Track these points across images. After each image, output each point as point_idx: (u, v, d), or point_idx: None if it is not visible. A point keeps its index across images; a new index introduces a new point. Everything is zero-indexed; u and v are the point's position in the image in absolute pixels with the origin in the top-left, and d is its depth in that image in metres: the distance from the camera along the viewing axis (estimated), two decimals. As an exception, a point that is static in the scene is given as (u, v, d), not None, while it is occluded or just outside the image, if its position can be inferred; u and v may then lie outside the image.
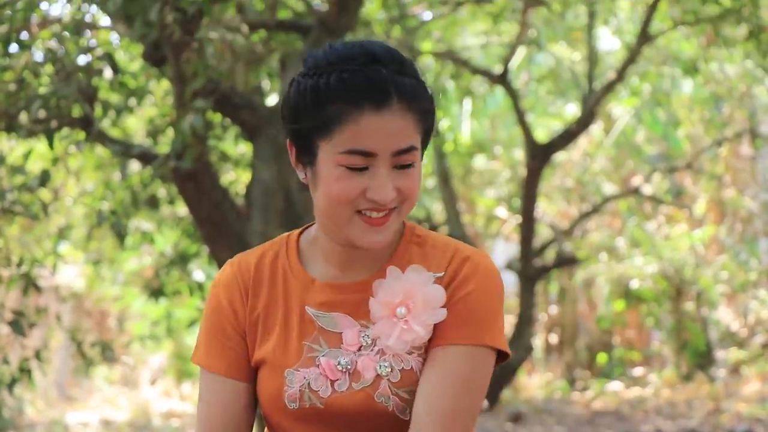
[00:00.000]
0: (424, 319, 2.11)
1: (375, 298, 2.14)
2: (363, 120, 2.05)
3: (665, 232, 15.50)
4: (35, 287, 5.89)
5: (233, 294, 2.22)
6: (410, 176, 2.09)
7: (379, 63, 2.08)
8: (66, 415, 15.18)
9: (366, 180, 2.07)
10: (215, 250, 6.01)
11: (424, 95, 2.12)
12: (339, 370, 2.12)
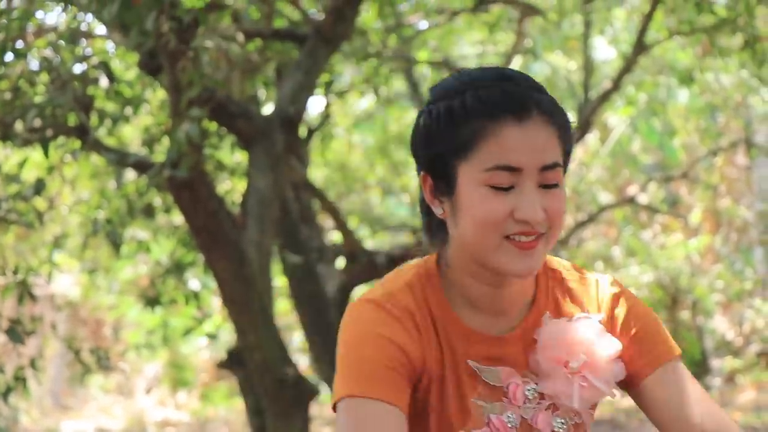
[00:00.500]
0: (607, 377, 2.06)
1: (542, 353, 2.06)
2: (505, 134, 1.96)
3: (661, 241, 15.50)
4: (31, 296, 5.88)
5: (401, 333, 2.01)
6: (557, 196, 1.99)
7: (512, 81, 1.99)
8: (61, 424, 15.16)
9: (513, 199, 1.96)
10: (211, 259, 6.00)
11: (562, 111, 2.02)
12: (509, 427, 2.05)
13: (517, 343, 2.07)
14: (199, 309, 8.50)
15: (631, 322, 2.11)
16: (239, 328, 6.14)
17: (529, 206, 1.96)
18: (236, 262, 5.91)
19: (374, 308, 2.04)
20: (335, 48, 6.60)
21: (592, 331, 2.07)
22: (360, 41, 8.21)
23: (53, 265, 7.07)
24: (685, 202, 15.72)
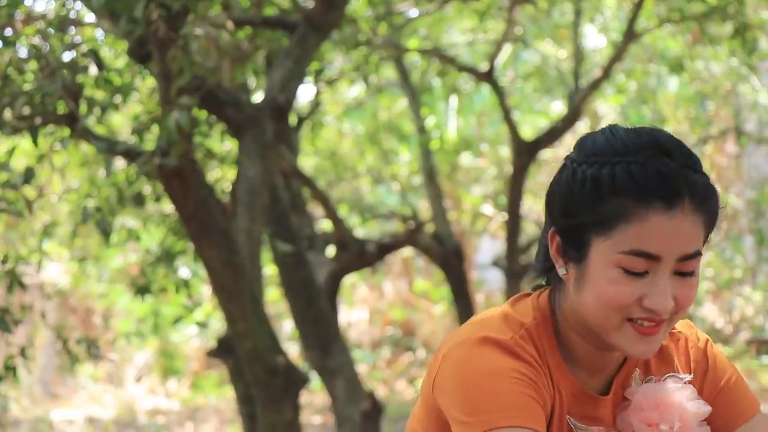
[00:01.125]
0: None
1: (635, 415, 2.03)
2: (651, 219, 1.87)
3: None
4: (20, 284, 5.87)
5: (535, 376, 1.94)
6: (690, 285, 1.92)
7: (668, 156, 1.89)
8: (51, 412, 15.15)
9: (644, 286, 1.90)
10: (200, 248, 5.99)
11: (714, 195, 1.94)
12: None
13: (610, 403, 2.05)
14: (189, 297, 8.49)
15: (718, 377, 2.10)
16: (229, 317, 6.14)
17: (660, 296, 1.90)
18: (226, 250, 5.90)
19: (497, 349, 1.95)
20: (325, 36, 6.59)
21: (685, 395, 2.04)
22: (350, 29, 8.20)
23: (43, 253, 7.06)
24: (675, 191, 15.73)
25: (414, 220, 10.30)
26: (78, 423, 14.35)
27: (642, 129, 1.95)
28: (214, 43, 6.25)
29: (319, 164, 12.75)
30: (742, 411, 2.09)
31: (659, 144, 1.90)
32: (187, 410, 15.46)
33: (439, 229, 10.65)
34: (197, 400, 16.26)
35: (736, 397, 2.09)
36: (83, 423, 14.38)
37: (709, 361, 2.10)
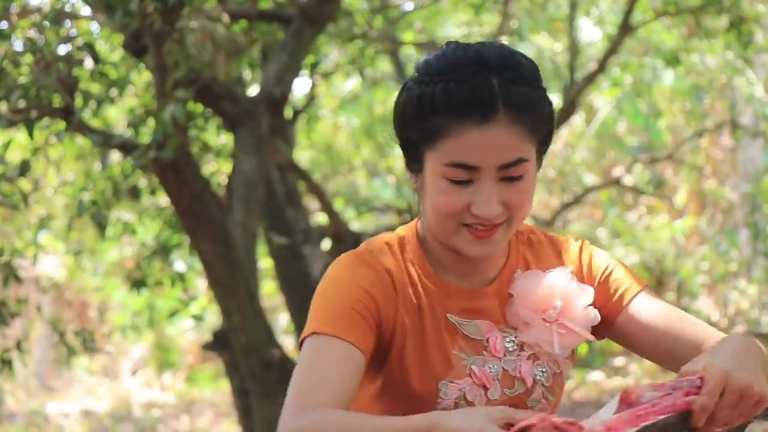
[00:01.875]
0: (583, 321, 2.13)
1: (519, 304, 2.12)
2: (466, 134, 1.99)
3: (646, 223, 15.52)
4: (16, 278, 5.87)
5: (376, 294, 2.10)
6: (519, 189, 2.05)
7: (490, 71, 2.00)
8: (46, 405, 15.15)
9: (470, 194, 2.03)
10: (196, 241, 6.00)
11: (538, 104, 2.04)
12: (492, 377, 2.11)
13: (493, 297, 2.15)
14: (184, 291, 8.49)
15: (595, 268, 2.20)
16: (225, 310, 6.14)
17: (484, 204, 2.01)
18: (222, 243, 5.90)
19: (354, 260, 2.13)
20: (321, 29, 6.59)
21: (565, 280, 2.14)
22: (345, 22, 8.19)
23: (38, 246, 7.05)
24: (670, 184, 15.74)
25: (409, 213, 10.29)
26: (73, 416, 14.35)
27: (471, 46, 2.06)
28: (209, 36, 6.25)
29: (315, 157, 12.75)
30: (623, 294, 2.19)
31: (482, 60, 2.01)
32: (182, 403, 15.47)
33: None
34: (193, 393, 16.27)
35: (615, 283, 2.19)
36: (79, 416, 14.39)
37: (585, 255, 2.21)
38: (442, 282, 2.14)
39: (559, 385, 2.14)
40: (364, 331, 2.07)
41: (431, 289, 2.13)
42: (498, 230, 2.06)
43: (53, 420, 13.92)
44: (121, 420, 13.97)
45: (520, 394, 2.11)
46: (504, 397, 2.10)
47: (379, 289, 2.10)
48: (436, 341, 2.12)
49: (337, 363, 2.03)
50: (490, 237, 2.05)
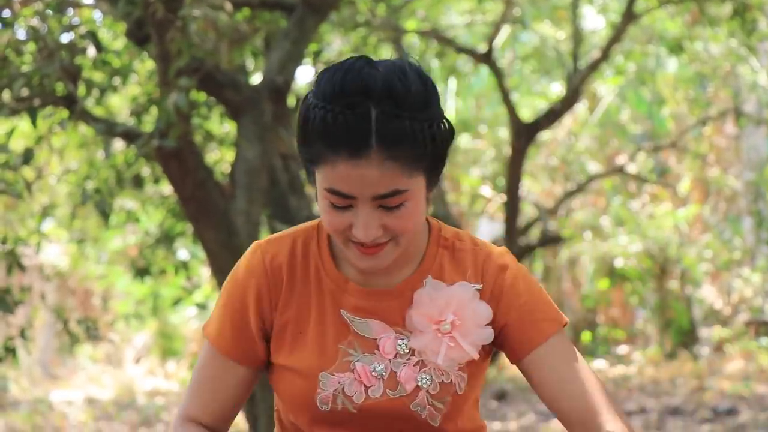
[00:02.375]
0: (474, 339, 2.13)
1: (416, 310, 2.13)
2: (339, 165, 2.00)
3: (649, 211, 15.52)
4: (19, 266, 5.88)
5: (262, 293, 2.17)
6: (398, 216, 2.04)
7: (371, 101, 1.99)
8: (50, 393, 15.17)
9: (350, 217, 2.04)
10: (199, 229, 6.00)
11: (420, 135, 2.01)
12: (374, 376, 2.12)
13: (393, 299, 2.15)
14: (188, 279, 8.50)
15: (516, 294, 2.17)
16: (228, 298, 6.13)
17: (360, 228, 2.03)
18: (225, 231, 5.91)
19: (250, 251, 2.21)
20: (324, 17, 6.58)
21: (466, 296, 2.13)
22: (348, 10, 8.19)
23: (42, 235, 7.06)
24: (673, 172, 15.74)
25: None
26: (77, 404, 14.38)
27: (362, 69, 2.02)
28: (212, 24, 6.25)
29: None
30: (539, 331, 2.15)
31: (365, 89, 1.99)
32: (185, 391, 15.49)
33: (438, 211, 10.66)
34: (196, 381, 16.28)
35: (533, 318, 2.15)
36: (82, 404, 14.41)
37: (505, 277, 2.17)
38: (341, 277, 2.16)
39: (451, 394, 2.13)
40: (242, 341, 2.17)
41: (327, 283, 2.16)
42: (384, 248, 2.07)
43: (57, 408, 13.94)
44: (124, 408, 13.99)
45: (401, 397, 2.11)
46: (385, 397, 2.11)
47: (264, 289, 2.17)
48: (320, 333, 2.14)
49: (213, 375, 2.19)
50: (376, 254, 2.07)
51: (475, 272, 2.17)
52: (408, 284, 2.16)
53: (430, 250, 2.19)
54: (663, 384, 13.29)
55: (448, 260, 2.18)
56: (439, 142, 2.05)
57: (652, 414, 11.28)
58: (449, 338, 2.11)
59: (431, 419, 2.12)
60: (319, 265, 2.17)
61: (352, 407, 2.12)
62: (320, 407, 2.13)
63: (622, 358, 15.35)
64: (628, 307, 16.29)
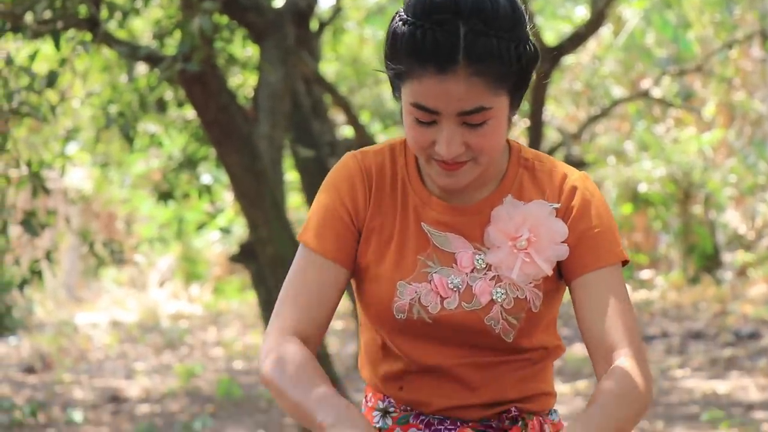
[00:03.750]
0: (549, 255, 2.17)
1: (494, 226, 2.17)
2: (425, 80, 2.04)
3: (674, 136, 15.46)
4: (44, 189, 5.90)
5: (356, 190, 2.22)
6: (481, 134, 2.08)
7: (461, 18, 2.02)
8: (75, 316, 15.30)
9: (434, 133, 2.08)
10: (222, 154, 6.01)
11: (506, 54, 2.05)
12: (450, 288, 2.16)
13: (472, 215, 2.19)
14: (211, 203, 8.52)
15: (585, 217, 2.20)
16: (251, 222, 6.16)
17: (443, 144, 2.07)
18: (248, 156, 5.91)
19: (346, 158, 2.25)
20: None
21: (542, 213, 2.17)
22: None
23: (66, 158, 7.07)
24: (698, 96, 15.64)
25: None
26: (102, 326, 14.50)
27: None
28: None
29: (341, 70, 12.70)
30: (597, 257, 2.18)
31: (455, 6, 2.03)
32: (209, 315, 15.60)
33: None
34: (219, 305, 16.40)
35: (597, 243, 2.19)
36: (107, 326, 14.53)
37: (580, 198, 2.21)
38: (425, 191, 2.21)
39: (525, 310, 2.17)
40: (343, 243, 2.21)
41: (412, 196, 2.21)
42: (465, 166, 2.11)
43: (82, 330, 14.07)
44: (149, 331, 14.11)
45: (476, 310, 2.15)
46: (460, 309, 2.15)
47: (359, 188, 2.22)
48: (401, 244, 2.19)
49: (312, 279, 2.21)
50: (456, 170, 2.11)
51: (552, 191, 2.20)
52: (488, 202, 2.20)
53: (510, 170, 2.22)
54: (685, 308, 13.31)
55: (527, 180, 2.22)
56: (525, 63, 2.08)
57: (674, 338, 11.31)
58: (525, 254, 2.16)
59: (504, 334, 2.16)
60: (405, 179, 2.22)
61: (427, 317, 2.16)
62: (396, 315, 2.17)
63: (645, 282, 15.36)
64: (651, 231, 16.28)
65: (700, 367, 9.94)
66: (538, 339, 2.23)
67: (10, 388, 10.02)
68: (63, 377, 10.51)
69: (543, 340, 2.24)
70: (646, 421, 7.92)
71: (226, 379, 9.72)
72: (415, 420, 2.22)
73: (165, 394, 9.65)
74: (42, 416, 8.65)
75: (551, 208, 2.18)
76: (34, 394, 9.67)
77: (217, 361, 11.75)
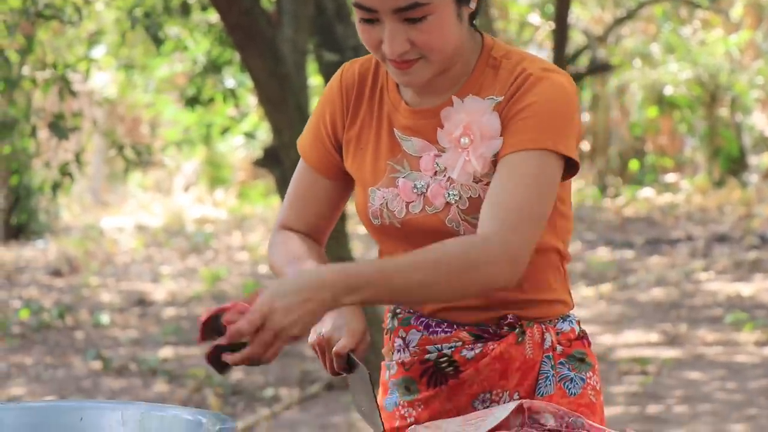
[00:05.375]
0: (481, 152, 2.13)
1: (442, 129, 2.16)
2: None
3: (701, 37, 15.34)
4: (70, 92, 5.91)
5: (335, 109, 2.25)
6: (424, 30, 2.06)
7: None
8: (101, 220, 15.40)
9: (380, 31, 2.08)
10: (246, 57, 5.99)
11: None
12: (414, 192, 2.17)
13: (431, 117, 2.17)
14: (236, 107, 8.52)
15: (521, 101, 2.12)
16: (275, 127, 6.17)
17: (386, 42, 2.07)
18: (271, 60, 5.89)
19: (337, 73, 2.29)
20: None
21: (479, 109, 2.14)
22: None
23: (91, 61, 7.07)
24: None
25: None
26: (128, 230, 14.59)
27: None
28: None
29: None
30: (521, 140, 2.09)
31: None
32: (234, 219, 15.67)
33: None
34: (244, 209, 16.46)
35: (527, 126, 2.09)
36: (133, 230, 14.62)
37: (527, 85, 2.13)
38: (398, 97, 2.21)
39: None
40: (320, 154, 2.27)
41: (387, 103, 2.22)
42: (416, 64, 2.10)
43: (108, 234, 14.16)
44: (174, 235, 14.19)
45: (437, 213, 2.14)
46: (423, 213, 2.15)
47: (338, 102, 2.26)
48: (375, 150, 2.21)
49: (300, 182, 2.31)
50: (408, 69, 2.09)
51: (504, 86, 2.14)
52: (446, 103, 2.17)
53: (477, 69, 2.18)
54: (710, 212, 13.30)
55: (490, 78, 2.17)
56: None
57: (698, 241, 11.32)
58: (466, 153, 2.14)
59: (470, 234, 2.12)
60: (384, 86, 2.23)
61: (396, 222, 2.18)
62: (373, 221, 2.21)
63: (670, 186, 15.34)
64: (676, 135, 16.21)
65: (724, 270, 9.96)
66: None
67: (38, 291, 10.13)
68: (90, 281, 10.61)
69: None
70: (669, 324, 7.97)
71: (251, 282, 9.80)
72: (416, 321, 2.22)
73: (191, 297, 9.74)
74: (69, 319, 8.74)
75: (489, 103, 2.13)
76: (61, 297, 9.77)
77: (242, 265, 11.83)
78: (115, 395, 6.71)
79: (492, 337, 2.18)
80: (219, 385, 6.73)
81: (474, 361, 2.17)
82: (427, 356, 2.19)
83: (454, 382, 2.18)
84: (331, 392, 6.55)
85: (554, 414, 1.94)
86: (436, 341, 2.19)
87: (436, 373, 2.19)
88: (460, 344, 2.18)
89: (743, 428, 5.66)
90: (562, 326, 2.21)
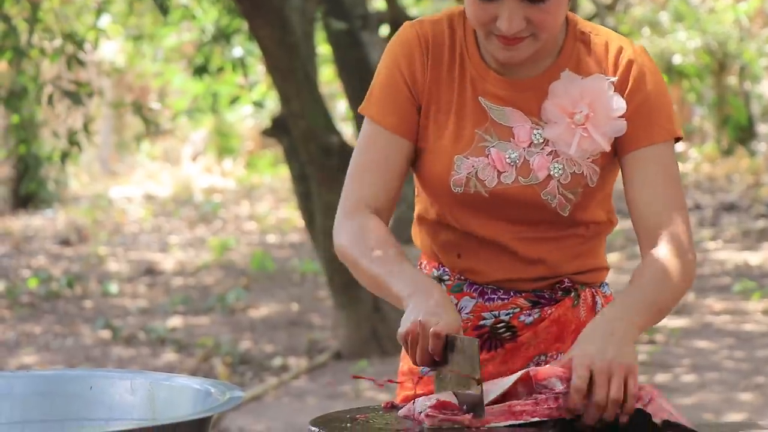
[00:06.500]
0: (606, 130, 2.16)
1: (551, 101, 2.17)
2: None
3: (709, 5, 15.27)
4: (78, 61, 5.90)
5: (414, 60, 2.22)
6: (542, 10, 2.09)
7: None
8: (110, 189, 15.42)
9: (495, 8, 2.08)
10: (254, 27, 5.98)
11: None
12: (508, 162, 2.17)
13: (530, 89, 2.19)
14: (244, 77, 8.51)
15: (641, 91, 2.19)
16: (283, 96, 6.16)
17: (504, 20, 2.08)
18: (279, 29, 5.88)
19: (404, 28, 2.25)
20: None
21: (601, 88, 2.17)
22: None
23: (98, 31, 7.06)
24: (735, -35, 15.40)
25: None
26: (136, 200, 14.61)
27: None
28: None
29: (373, -60, 12.56)
30: (652, 133, 2.18)
31: None
32: (242, 189, 15.67)
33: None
34: (252, 179, 16.46)
35: (652, 117, 2.18)
36: (141, 200, 14.64)
37: (636, 71, 2.20)
38: (483, 65, 2.20)
39: (582, 186, 2.18)
40: (402, 113, 2.21)
41: (470, 69, 2.20)
42: (524, 41, 2.11)
43: (117, 204, 14.18)
44: (183, 204, 14.21)
45: (533, 184, 2.16)
46: (517, 184, 2.17)
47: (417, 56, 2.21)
48: (459, 117, 2.20)
49: (379, 152, 2.21)
50: (516, 45, 2.11)
51: (609, 65, 2.20)
52: (545, 76, 2.19)
53: (567, 43, 2.22)
54: (719, 180, 13.28)
55: (584, 53, 2.22)
56: None
57: (707, 210, 11.31)
58: (582, 129, 2.15)
59: (561, 209, 2.18)
60: (464, 52, 2.22)
61: (484, 191, 2.17)
62: (454, 189, 2.18)
63: (679, 155, 15.30)
64: (685, 103, 16.18)
65: (732, 239, 9.96)
66: (593, 213, 2.24)
67: (47, 260, 10.15)
68: (98, 250, 10.63)
69: (597, 215, 2.25)
70: (678, 293, 7.97)
71: (260, 252, 9.81)
72: (469, 288, 2.24)
73: (199, 267, 9.75)
74: (78, 288, 8.77)
75: (609, 82, 2.17)
76: (70, 266, 9.80)
77: (251, 234, 11.84)
78: (123, 364, 6.74)
79: (548, 302, 2.23)
80: (227, 354, 6.75)
81: (532, 325, 2.23)
82: (482, 322, 2.23)
83: (510, 345, 2.23)
84: (339, 362, 6.57)
85: (561, 378, 1.95)
86: (492, 308, 2.23)
87: (492, 338, 2.23)
88: (518, 310, 2.23)
89: (751, 397, 5.67)
90: (605, 290, 2.30)
